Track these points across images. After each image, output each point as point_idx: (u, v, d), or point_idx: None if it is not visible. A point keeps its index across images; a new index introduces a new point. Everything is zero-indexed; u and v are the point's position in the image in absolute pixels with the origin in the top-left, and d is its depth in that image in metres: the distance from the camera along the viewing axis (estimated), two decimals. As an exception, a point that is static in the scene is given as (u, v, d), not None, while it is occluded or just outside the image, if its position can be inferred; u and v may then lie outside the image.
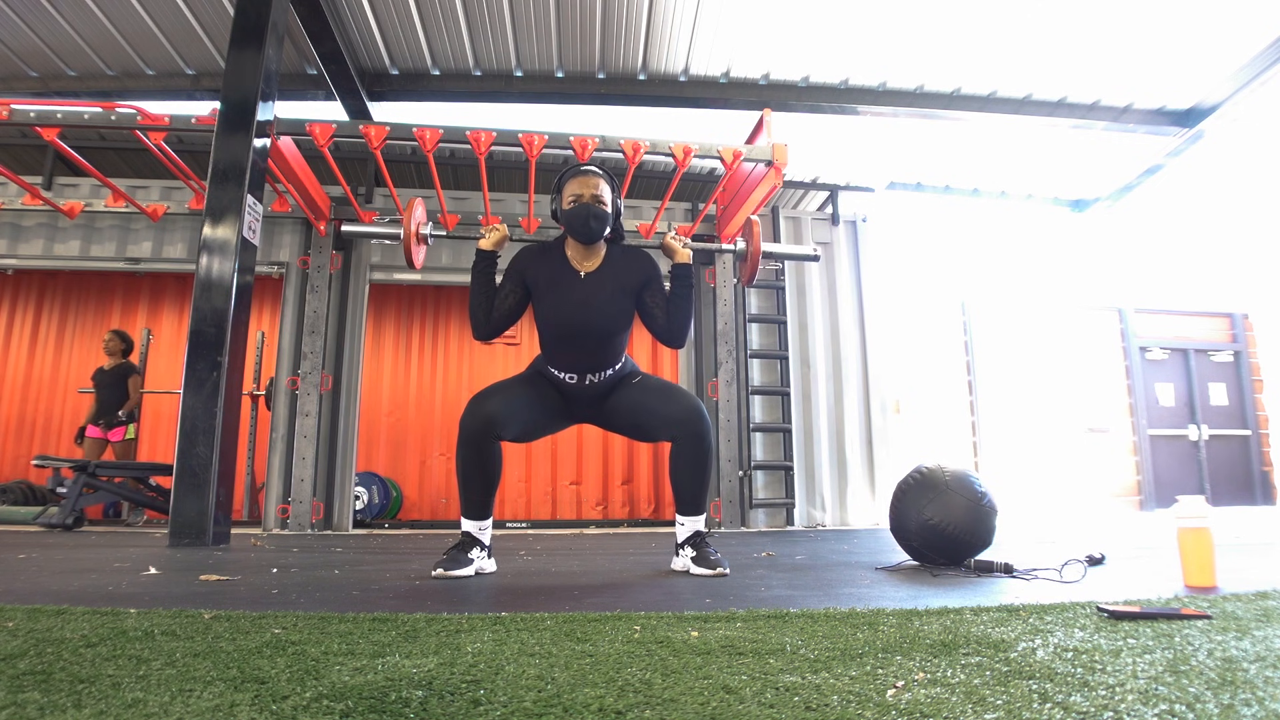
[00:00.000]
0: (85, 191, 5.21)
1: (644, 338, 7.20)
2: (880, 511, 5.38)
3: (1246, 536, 3.43)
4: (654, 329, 2.28)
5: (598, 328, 2.19)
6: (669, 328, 2.25)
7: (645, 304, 2.26)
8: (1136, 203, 6.63)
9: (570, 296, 2.19)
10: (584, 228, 2.17)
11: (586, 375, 2.23)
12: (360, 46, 4.85)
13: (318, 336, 4.98)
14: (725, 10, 4.51)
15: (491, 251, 2.26)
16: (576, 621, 1.30)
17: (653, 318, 2.26)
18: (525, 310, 2.28)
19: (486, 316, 2.22)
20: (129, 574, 2.10)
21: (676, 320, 2.25)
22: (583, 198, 2.17)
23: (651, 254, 2.43)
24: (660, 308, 2.27)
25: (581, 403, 2.29)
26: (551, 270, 2.23)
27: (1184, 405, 7.25)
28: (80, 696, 0.82)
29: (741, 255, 2.56)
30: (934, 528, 2.22)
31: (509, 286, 2.24)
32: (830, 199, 5.95)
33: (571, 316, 2.18)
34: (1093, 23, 4.51)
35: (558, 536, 4.31)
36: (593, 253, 2.26)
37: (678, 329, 2.25)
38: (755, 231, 2.51)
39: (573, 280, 2.22)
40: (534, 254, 2.27)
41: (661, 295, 2.29)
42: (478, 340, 2.27)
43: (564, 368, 2.23)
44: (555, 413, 2.28)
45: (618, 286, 2.23)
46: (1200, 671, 0.93)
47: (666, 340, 2.27)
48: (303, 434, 4.86)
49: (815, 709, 0.79)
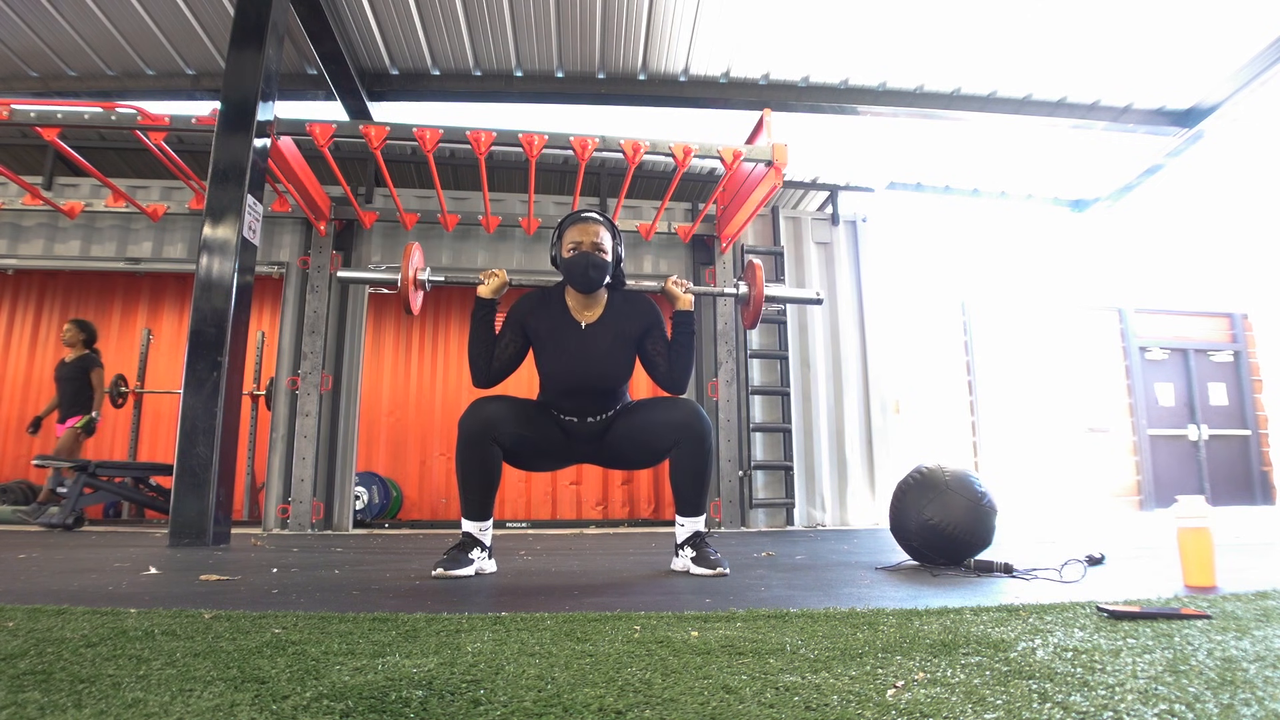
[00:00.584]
0: (85, 191, 5.21)
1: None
2: (880, 511, 5.38)
3: (1246, 536, 3.43)
4: (655, 376, 2.27)
5: (599, 379, 2.19)
6: (670, 374, 2.25)
7: (647, 351, 2.26)
8: (1136, 203, 6.64)
9: (571, 349, 2.19)
10: (583, 278, 2.17)
11: (587, 417, 2.24)
12: (360, 46, 4.85)
13: (318, 336, 4.98)
14: (725, 10, 4.51)
15: (491, 299, 2.24)
16: (576, 621, 1.30)
17: (654, 366, 2.26)
18: (525, 358, 2.28)
19: (487, 365, 2.21)
20: (129, 574, 2.10)
21: (678, 367, 2.24)
22: (582, 245, 2.16)
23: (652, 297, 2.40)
24: (662, 355, 2.26)
25: (581, 440, 2.28)
26: (552, 320, 2.22)
27: (1184, 405, 7.26)
28: (80, 696, 0.82)
29: (744, 299, 2.52)
30: (934, 528, 2.22)
31: (509, 336, 2.24)
32: (830, 199, 5.95)
33: (572, 369, 2.18)
34: (1093, 23, 4.51)
35: (558, 536, 4.31)
36: (593, 301, 2.25)
37: (679, 376, 2.24)
38: (758, 276, 2.47)
39: (573, 331, 2.21)
40: (534, 302, 2.26)
41: (663, 342, 2.28)
42: (477, 387, 2.24)
43: (565, 412, 2.24)
44: (555, 442, 2.25)
45: (618, 336, 2.22)
46: (1200, 671, 0.93)
47: (668, 387, 2.26)
48: (303, 434, 4.86)
49: (815, 709, 0.79)
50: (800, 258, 5.71)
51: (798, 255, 5.71)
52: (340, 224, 5.20)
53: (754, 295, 2.47)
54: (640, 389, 7.70)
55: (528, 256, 5.39)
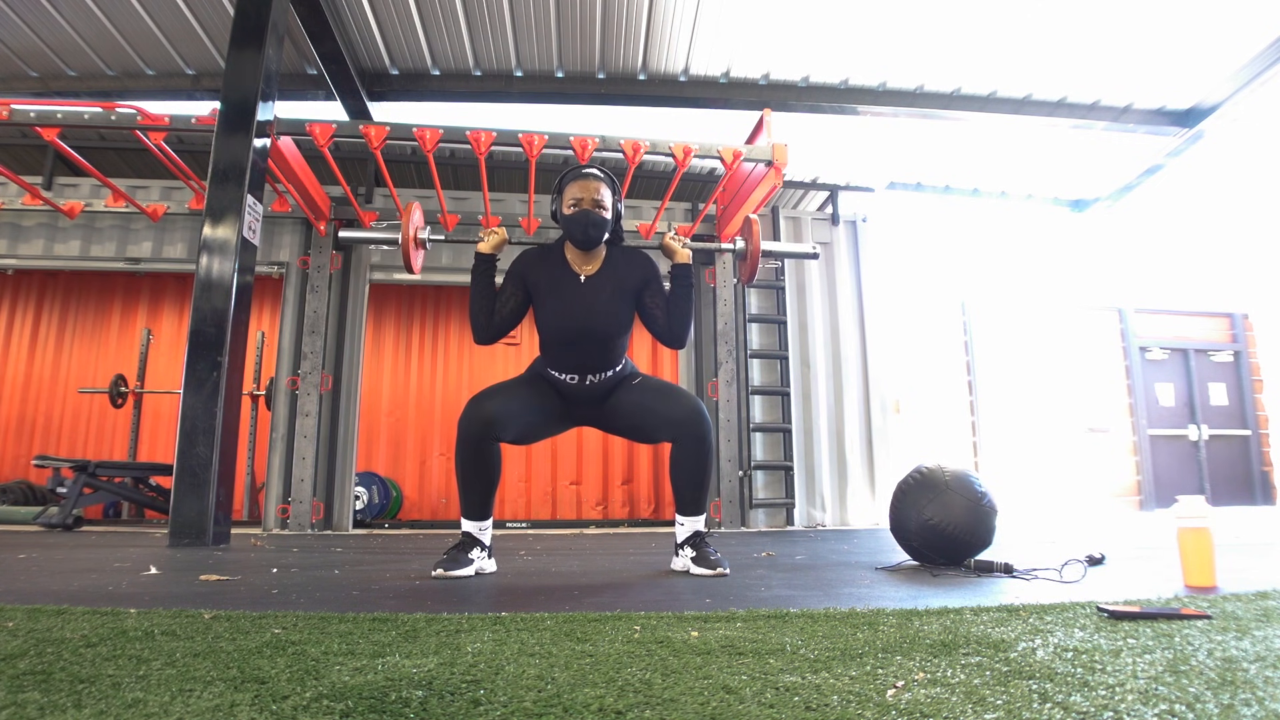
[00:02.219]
0: (85, 191, 5.21)
1: (644, 338, 7.19)
2: (880, 511, 5.38)
3: (1246, 536, 3.43)
4: (654, 330, 2.28)
5: (598, 331, 2.19)
6: (669, 329, 2.26)
7: (645, 305, 2.27)
8: (1136, 203, 6.63)
9: (570, 300, 2.20)
10: (583, 234, 2.18)
11: (587, 376, 2.23)
12: (360, 46, 4.85)
13: (318, 336, 4.98)
14: (725, 10, 4.51)
15: (491, 255, 2.27)
16: (576, 621, 1.30)
17: (653, 319, 2.27)
18: (526, 313, 2.29)
19: (488, 320, 2.22)
20: (129, 574, 2.10)
21: (677, 321, 2.26)
22: (583, 203, 2.18)
23: (651, 254, 2.43)
24: (660, 309, 2.27)
25: (581, 404, 2.29)
26: (551, 274, 2.23)
27: (1184, 405, 7.25)
28: (80, 696, 0.82)
29: (741, 254, 2.55)
30: (934, 528, 2.22)
31: (509, 290, 2.25)
32: (830, 199, 5.95)
33: (572, 320, 2.18)
34: (1093, 23, 4.51)
35: (558, 536, 4.31)
36: (592, 256, 2.26)
37: (678, 330, 2.26)
38: (755, 230, 2.51)
39: (573, 284, 2.22)
40: (534, 257, 2.27)
41: (661, 296, 2.29)
42: (478, 344, 2.27)
43: (564, 369, 2.23)
44: (555, 415, 2.28)
45: (617, 289, 2.23)
46: (1200, 671, 0.93)
47: (667, 341, 2.28)
48: (303, 434, 4.86)
49: (815, 709, 0.79)
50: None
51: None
52: (340, 224, 5.20)
53: (751, 250, 2.50)
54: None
55: (528, 256, 5.38)
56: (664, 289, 2.31)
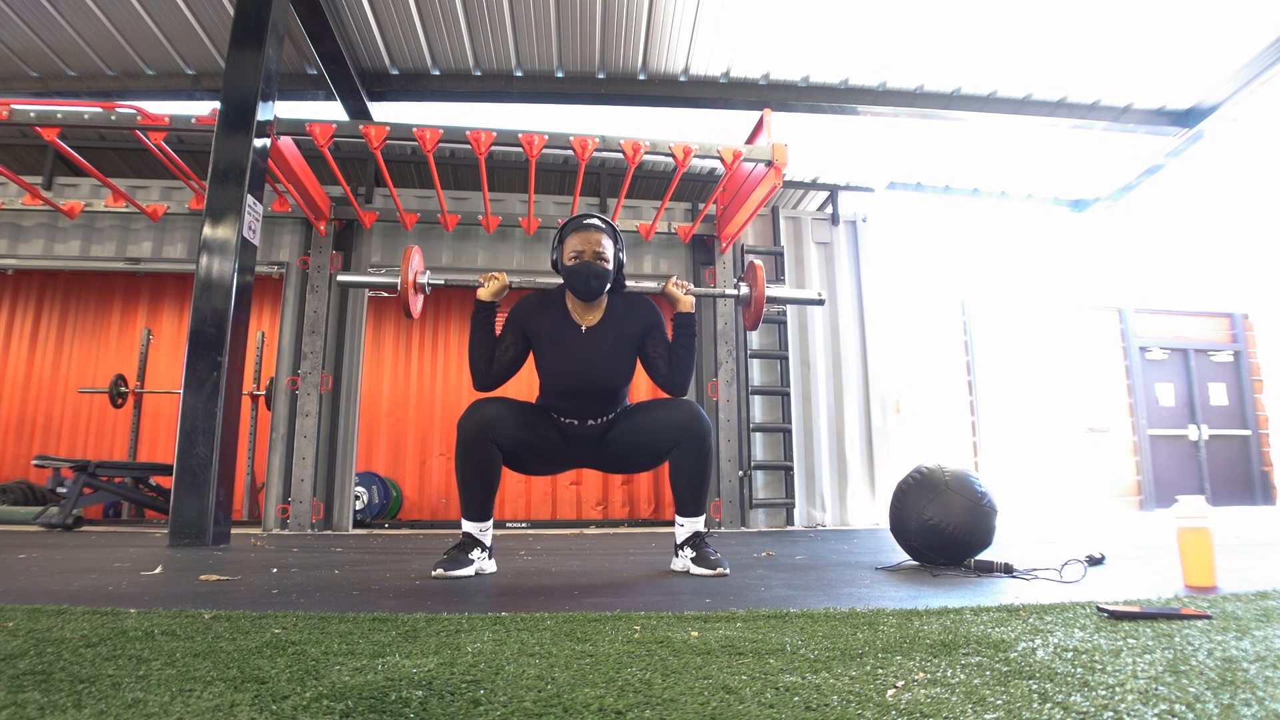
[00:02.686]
0: (85, 191, 5.21)
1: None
2: (880, 511, 5.38)
3: (1246, 536, 3.43)
4: (656, 378, 2.27)
5: (600, 383, 2.20)
6: (671, 377, 2.25)
7: (647, 353, 2.26)
8: (1136, 203, 6.63)
9: (572, 351, 2.19)
10: (585, 286, 2.17)
11: (587, 420, 2.24)
12: (360, 46, 4.85)
13: (318, 336, 4.98)
14: (725, 10, 4.51)
15: (491, 302, 2.25)
16: (576, 621, 1.30)
17: (655, 368, 2.26)
18: (525, 361, 2.27)
19: (488, 367, 2.21)
20: (129, 574, 2.10)
21: (679, 369, 2.24)
22: (584, 254, 2.16)
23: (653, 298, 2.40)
24: (662, 357, 2.26)
25: (581, 443, 2.28)
26: (552, 323, 2.22)
27: (1184, 405, 7.25)
28: (80, 696, 0.82)
29: (745, 300, 2.51)
30: (934, 528, 2.22)
31: (509, 338, 2.23)
32: (830, 199, 5.95)
33: (573, 372, 2.18)
34: (1093, 23, 4.51)
35: (558, 536, 4.31)
36: (594, 305, 2.26)
37: (680, 379, 2.25)
38: (759, 276, 2.46)
39: (574, 334, 2.21)
40: (534, 304, 2.26)
41: (664, 344, 2.28)
42: (478, 390, 2.23)
43: (565, 415, 2.24)
44: (555, 446, 2.25)
45: (619, 339, 2.23)
46: (1200, 671, 0.93)
47: (668, 389, 2.26)
48: (303, 434, 4.86)
49: (815, 709, 0.79)
50: (800, 258, 5.71)
51: (798, 255, 5.71)
52: (340, 224, 5.20)
53: (755, 296, 2.46)
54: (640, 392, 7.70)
55: (528, 256, 5.39)
56: (666, 336, 2.30)
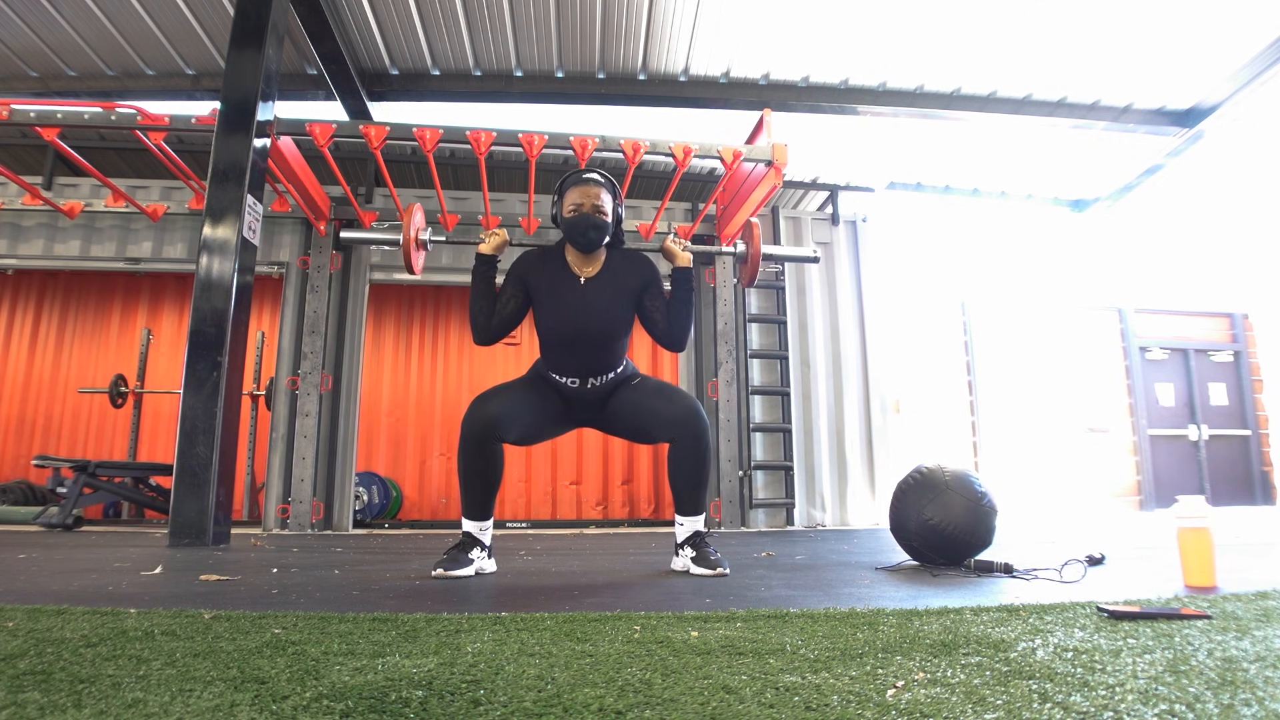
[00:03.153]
0: (85, 191, 5.20)
1: (645, 339, 7.20)
2: (880, 511, 5.38)
3: (1246, 536, 3.43)
4: (654, 333, 2.29)
5: (598, 333, 2.20)
6: (669, 332, 2.27)
7: (645, 308, 2.27)
8: (1136, 203, 6.63)
9: (570, 302, 2.20)
10: (583, 237, 2.20)
11: (588, 379, 2.24)
12: (360, 46, 4.85)
13: (318, 336, 4.98)
14: (725, 10, 4.51)
15: (491, 256, 2.27)
16: (576, 621, 1.30)
17: (653, 322, 2.28)
18: (526, 315, 2.29)
19: (487, 321, 2.23)
20: (129, 574, 2.10)
21: (677, 324, 2.26)
22: (583, 207, 2.19)
23: (651, 257, 2.44)
24: (660, 312, 2.28)
25: (582, 406, 2.30)
26: (552, 276, 2.24)
27: (1184, 405, 7.25)
28: (80, 696, 0.82)
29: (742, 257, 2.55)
30: (934, 528, 2.22)
31: (510, 292, 2.25)
32: (830, 199, 5.95)
33: (572, 322, 2.19)
34: (1093, 23, 4.51)
35: (558, 536, 4.31)
36: (592, 259, 2.27)
37: (678, 333, 2.27)
38: (755, 233, 2.50)
39: (573, 286, 2.23)
40: (534, 259, 2.28)
41: (661, 299, 2.30)
42: (478, 344, 2.28)
43: (565, 373, 2.24)
44: (556, 416, 2.29)
45: (618, 291, 2.24)
46: (1200, 671, 0.93)
47: (667, 344, 2.29)
48: (303, 434, 4.86)
49: (815, 709, 0.79)
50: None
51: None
52: (340, 224, 5.20)
53: (751, 253, 2.50)
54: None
55: (528, 256, 5.38)
56: (664, 292, 2.31)
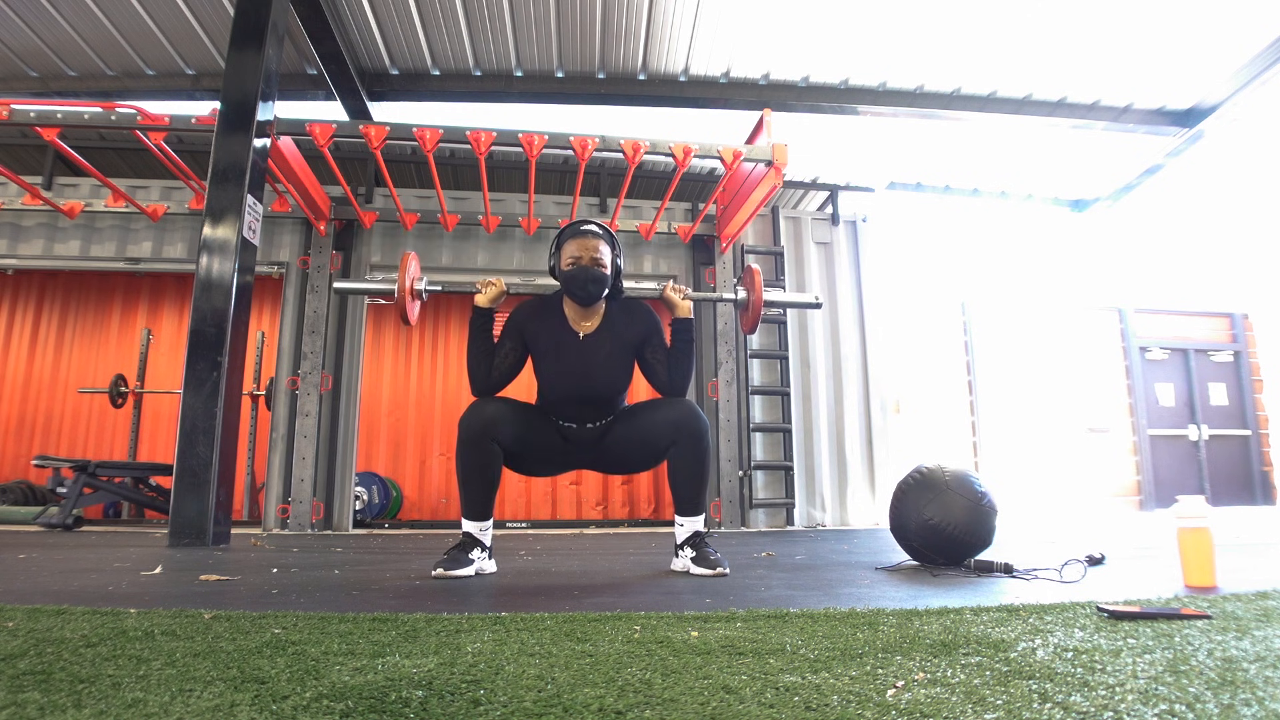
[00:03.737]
0: (85, 191, 5.21)
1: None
2: (880, 511, 5.38)
3: (1246, 536, 3.43)
4: (655, 384, 2.28)
5: (597, 390, 2.21)
6: (670, 383, 2.25)
7: (646, 360, 2.27)
8: (1136, 203, 6.64)
9: (569, 359, 2.20)
10: (582, 290, 2.18)
11: (586, 424, 2.26)
12: (360, 46, 4.85)
13: (318, 336, 4.98)
14: (725, 10, 4.51)
15: (488, 308, 2.25)
16: (576, 621, 1.30)
17: (654, 374, 2.27)
18: (524, 367, 2.27)
19: (486, 374, 2.21)
20: (129, 574, 2.10)
21: (677, 374, 2.25)
22: (581, 260, 2.17)
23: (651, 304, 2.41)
24: (661, 363, 2.26)
25: (580, 445, 2.29)
26: (550, 330, 2.23)
27: (1184, 405, 7.25)
28: (80, 696, 0.82)
29: (742, 304, 2.51)
30: (934, 528, 2.22)
31: (508, 345, 2.24)
32: (830, 199, 5.95)
33: (571, 379, 2.19)
34: (1093, 23, 4.51)
35: (558, 536, 4.31)
36: (591, 311, 2.26)
37: (679, 383, 2.25)
38: (757, 281, 2.45)
39: (572, 341, 2.22)
40: (532, 310, 2.26)
41: (662, 350, 2.28)
42: (477, 395, 2.21)
43: (564, 418, 2.25)
44: (555, 445, 2.27)
45: (617, 346, 2.23)
46: (1200, 671, 0.93)
47: (666, 393, 2.27)
48: (303, 434, 4.86)
49: (815, 709, 0.79)
50: (800, 258, 5.71)
51: (798, 255, 5.71)
52: (340, 224, 5.20)
53: (753, 300, 2.46)
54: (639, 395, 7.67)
55: (527, 256, 5.39)
56: (664, 342, 2.30)
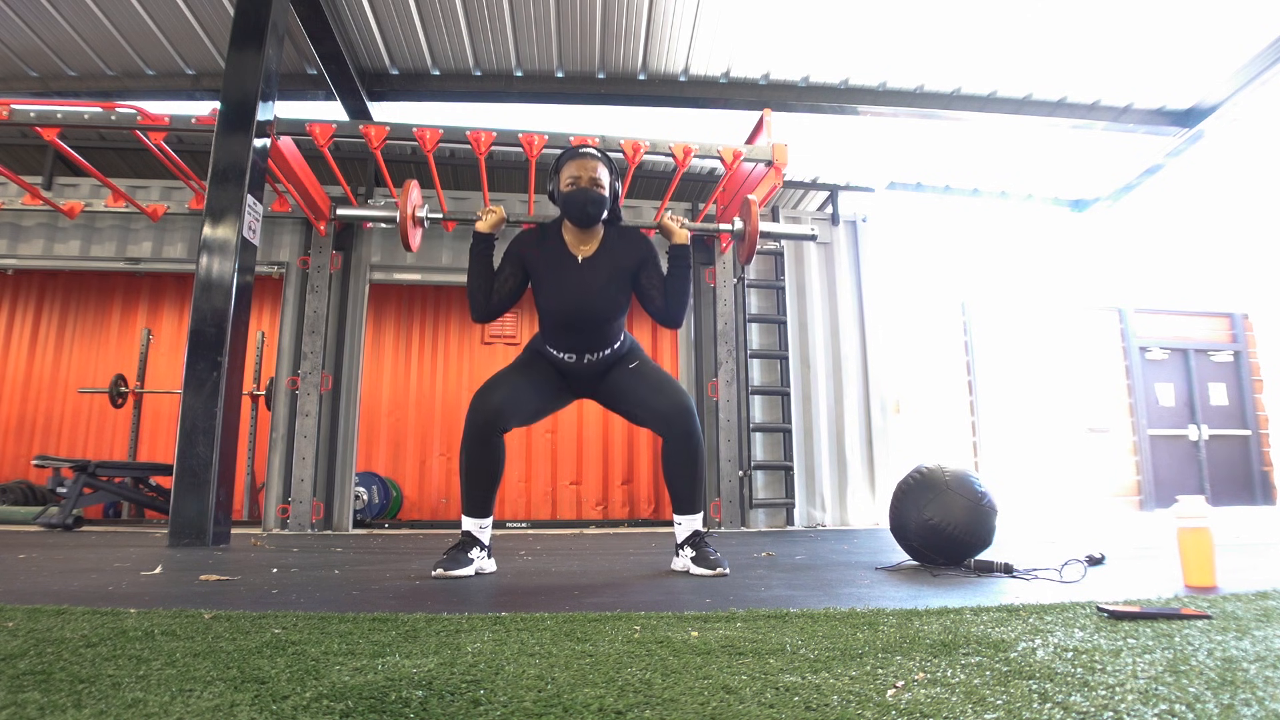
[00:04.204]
0: (85, 191, 5.21)
1: (645, 323, 7.20)
2: (880, 511, 5.38)
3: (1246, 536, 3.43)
4: (651, 310, 2.30)
5: (595, 313, 2.21)
6: (666, 309, 2.28)
7: (642, 286, 2.28)
8: (1136, 203, 6.63)
9: (568, 282, 2.21)
10: (580, 212, 2.18)
11: (584, 355, 2.26)
12: (360, 46, 4.85)
13: (318, 336, 4.98)
14: (725, 10, 4.51)
15: (489, 234, 2.27)
16: (576, 621, 1.30)
17: (650, 300, 2.28)
18: (524, 293, 2.30)
19: (486, 299, 2.24)
20: (129, 574, 2.10)
21: (674, 302, 2.27)
22: (580, 180, 2.17)
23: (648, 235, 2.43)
24: (657, 289, 2.28)
25: (580, 380, 2.31)
26: (549, 255, 2.25)
27: (1184, 405, 7.25)
28: (80, 696, 0.82)
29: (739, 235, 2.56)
30: (934, 528, 2.22)
31: (508, 270, 2.27)
32: (830, 199, 5.95)
33: (570, 302, 2.20)
34: (1093, 23, 4.51)
35: (558, 536, 4.31)
36: (590, 236, 2.27)
37: (675, 311, 2.28)
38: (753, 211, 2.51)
39: (570, 265, 2.24)
40: (531, 237, 2.29)
41: (659, 277, 2.30)
42: (477, 321, 2.29)
43: (562, 349, 2.26)
44: (556, 392, 2.31)
45: (615, 270, 2.24)
46: (1200, 671, 0.93)
47: (664, 321, 2.30)
48: (303, 434, 4.86)
49: (815, 709, 0.79)
50: (800, 257, 5.71)
51: (798, 255, 5.71)
52: (340, 224, 5.20)
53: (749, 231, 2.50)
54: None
55: (528, 256, 5.38)
56: (660, 269, 2.32)
